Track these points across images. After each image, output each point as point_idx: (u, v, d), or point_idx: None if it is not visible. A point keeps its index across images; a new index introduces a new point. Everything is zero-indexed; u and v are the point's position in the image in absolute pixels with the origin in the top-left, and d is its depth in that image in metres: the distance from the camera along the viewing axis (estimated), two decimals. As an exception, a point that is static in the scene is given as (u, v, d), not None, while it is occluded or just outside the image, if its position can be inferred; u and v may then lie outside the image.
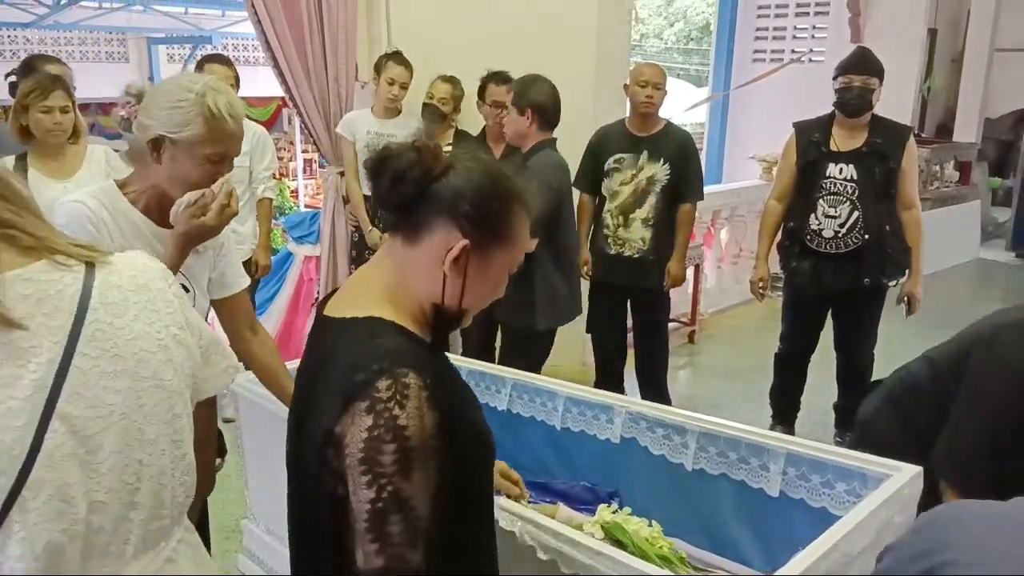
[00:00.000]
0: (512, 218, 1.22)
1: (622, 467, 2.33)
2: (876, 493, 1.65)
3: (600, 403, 2.35)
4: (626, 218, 3.76)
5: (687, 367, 5.27)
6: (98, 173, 3.04)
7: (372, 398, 1.08)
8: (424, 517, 1.08)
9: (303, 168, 10.83)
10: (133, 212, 1.74)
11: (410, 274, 1.22)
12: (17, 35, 13.17)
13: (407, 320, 1.22)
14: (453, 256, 1.17)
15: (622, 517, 2.11)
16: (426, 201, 1.19)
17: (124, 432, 1.04)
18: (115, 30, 14.30)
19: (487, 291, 1.26)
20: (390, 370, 1.09)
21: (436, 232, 1.19)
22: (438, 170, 1.19)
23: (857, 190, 3.49)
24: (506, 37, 4.30)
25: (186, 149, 1.66)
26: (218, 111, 1.65)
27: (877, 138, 3.50)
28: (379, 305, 1.22)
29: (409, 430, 1.07)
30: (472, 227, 1.18)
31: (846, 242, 3.51)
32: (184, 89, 1.65)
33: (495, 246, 1.21)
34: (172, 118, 1.64)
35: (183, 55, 14.60)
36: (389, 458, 1.06)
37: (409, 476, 1.07)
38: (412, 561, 1.08)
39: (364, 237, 4.17)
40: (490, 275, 1.23)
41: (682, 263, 3.84)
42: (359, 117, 4.18)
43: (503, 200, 1.21)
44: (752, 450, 2.04)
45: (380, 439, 1.06)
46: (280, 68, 4.18)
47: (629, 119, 3.79)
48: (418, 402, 1.08)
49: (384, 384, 1.08)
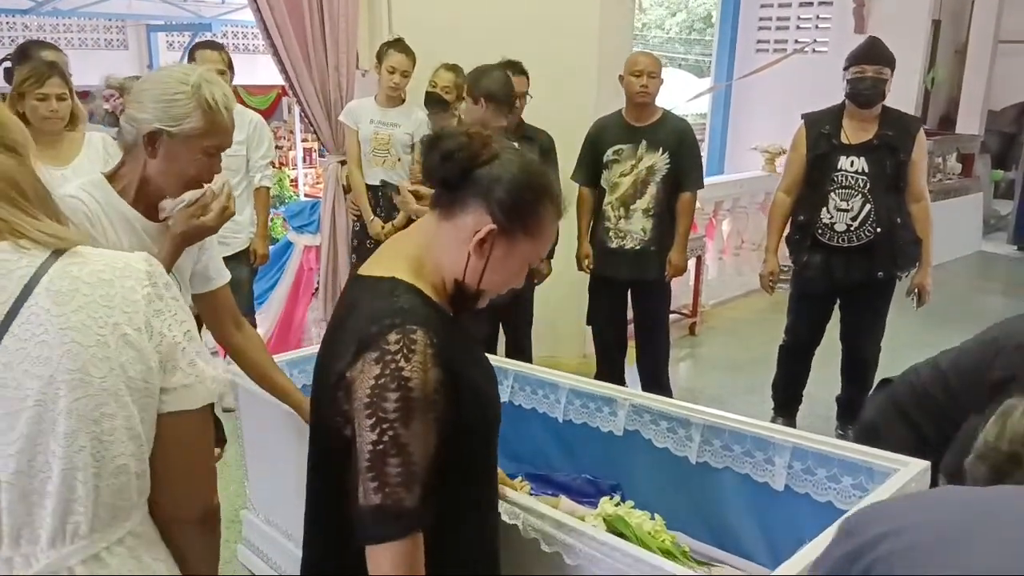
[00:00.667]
0: (541, 213, 1.31)
1: (625, 460, 2.32)
2: (882, 488, 1.64)
3: (603, 396, 2.34)
4: (627, 209, 3.74)
5: (688, 359, 5.26)
6: (96, 160, 3.01)
7: (382, 349, 1.19)
8: (421, 464, 1.18)
9: (303, 157, 10.79)
10: (123, 205, 1.71)
11: (438, 246, 1.32)
12: (15, 21, 13.10)
13: (427, 287, 1.31)
14: (479, 238, 1.27)
15: (624, 510, 2.10)
16: (467, 182, 1.28)
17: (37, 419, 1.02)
18: (114, 17, 14.22)
19: (505, 277, 1.34)
20: (401, 325, 1.20)
21: (469, 213, 1.28)
22: (484, 157, 1.28)
23: (868, 183, 3.44)
24: (508, 26, 4.28)
25: (183, 142, 1.64)
26: (215, 103, 1.64)
27: (888, 130, 3.46)
28: (404, 268, 1.31)
29: (412, 381, 1.17)
30: (502, 214, 1.27)
31: (859, 235, 3.48)
32: (178, 82, 1.64)
33: (520, 236, 1.29)
34: (168, 111, 1.62)
35: (182, 42, 14.52)
36: (392, 405, 1.17)
37: (409, 424, 1.17)
38: (407, 501, 1.17)
39: (365, 226, 4.14)
40: (510, 263, 1.31)
41: (683, 253, 3.82)
42: (362, 106, 4.15)
43: (536, 195, 1.29)
44: (757, 444, 2.03)
45: (385, 387, 1.17)
46: (280, 56, 4.15)
47: (626, 109, 3.76)
48: (423, 357, 1.19)
49: (394, 337, 1.19)
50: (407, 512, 1.17)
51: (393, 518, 1.17)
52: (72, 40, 14.10)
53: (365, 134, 4.07)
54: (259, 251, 3.88)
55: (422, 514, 1.18)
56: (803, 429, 3.85)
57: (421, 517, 1.18)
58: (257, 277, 4.22)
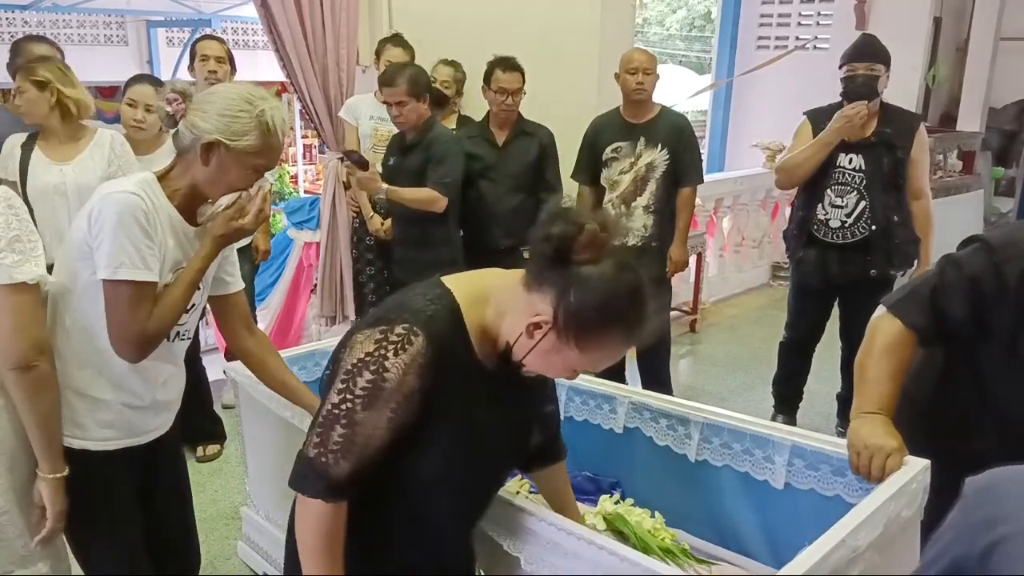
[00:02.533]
0: (602, 336, 1.26)
1: (625, 457, 2.32)
2: (883, 486, 1.63)
3: (603, 393, 2.34)
4: (628, 207, 3.74)
5: (689, 356, 5.25)
6: (100, 160, 3.01)
7: (385, 332, 1.24)
8: (362, 445, 1.25)
9: (303, 153, 10.80)
10: (170, 207, 1.75)
11: (508, 304, 1.32)
12: (15, 17, 13.07)
13: (475, 322, 1.33)
14: (533, 322, 1.26)
15: (624, 508, 2.10)
16: (557, 269, 1.24)
17: None
18: (114, 13, 14.18)
19: (546, 368, 1.34)
20: (412, 324, 1.24)
21: (543, 296, 1.26)
22: (584, 257, 1.23)
23: (864, 180, 3.44)
24: (508, 22, 4.27)
25: (237, 157, 1.71)
26: (274, 127, 1.72)
27: (887, 128, 3.44)
28: (468, 291, 1.34)
29: (389, 374, 1.23)
30: (563, 316, 1.24)
31: (852, 232, 3.47)
32: (246, 100, 1.71)
33: (572, 343, 1.26)
34: (230, 126, 1.69)
35: (182, 38, 14.49)
36: (363, 383, 1.24)
37: (369, 407, 1.24)
38: (333, 470, 1.26)
39: (365, 223, 4.14)
40: (554, 360, 1.30)
41: (684, 248, 3.81)
42: (361, 102, 4.15)
43: (606, 319, 1.24)
44: (756, 441, 2.03)
45: (366, 365, 1.23)
46: (281, 52, 4.14)
47: (624, 107, 3.76)
48: (410, 360, 1.23)
49: (400, 329, 1.24)
50: (328, 479, 1.26)
51: (315, 476, 1.27)
52: (72, 36, 14.08)
53: (365, 130, 4.07)
54: (261, 247, 3.88)
55: (342, 489, 1.27)
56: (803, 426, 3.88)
57: (338, 491, 1.27)
58: (257, 272, 4.22)
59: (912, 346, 1.78)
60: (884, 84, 3.43)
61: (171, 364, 1.90)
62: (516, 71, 3.70)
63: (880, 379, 1.75)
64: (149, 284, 1.68)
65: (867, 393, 1.76)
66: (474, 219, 3.75)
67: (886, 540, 1.56)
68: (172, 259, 1.75)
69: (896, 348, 1.76)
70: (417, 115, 3.50)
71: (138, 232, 1.64)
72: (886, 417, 1.73)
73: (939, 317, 1.75)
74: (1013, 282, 1.64)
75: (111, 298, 1.67)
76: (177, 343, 1.89)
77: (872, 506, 1.55)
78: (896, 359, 1.76)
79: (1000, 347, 1.69)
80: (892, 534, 1.58)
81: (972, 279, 1.70)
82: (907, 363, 1.77)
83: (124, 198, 1.65)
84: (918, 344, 1.78)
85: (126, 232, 1.63)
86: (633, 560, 1.49)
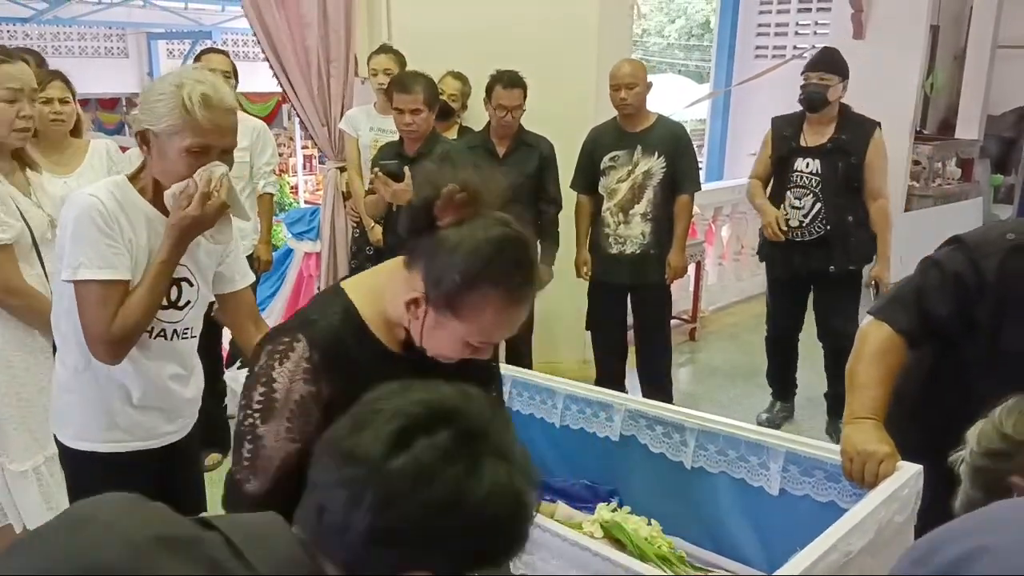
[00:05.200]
0: (475, 300, 1.19)
1: (622, 465, 2.32)
2: (875, 492, 1.64)
3: (599, 400, 2.34)
4: (626, 215, 3.77)
5: (688, 364, 5.26)
6: (100, 169, 3.03)
7: (272, 345, 1.25)
8: (273, 458, 1.24)
9: (303, 164, 10.83)
10: (143, 203, 1.75)
11: (392, 289, 1.28)
12: (16, 30, 13.13)
13: (377, 315, 1.30)
14: (408, 300, 1.23)
15: (621, 516, 2.11)
16: (424, 239, 1.21)
17: None
18: (114, 25, 14.27)
19: (442, 347, 1.26)
20: (295, 332, 1.25)
21: (415, 271, 1.23)
22: (451, 220, 1.19)
23: (820, 183, 3.72)
24: (507, 34, 4.29)
25: (167, 141, 1.67)
26: (190, 102, 1.63)
27: (843, 135, 3.71)
28: (366, 287, 1.33)
29: (276, 383, 1.23)
30: (430, 288, 1.20)
31: (809, 231, 3.76)
32: (167, 83, 1.67)
33: (449, 315, 1.20)
34: (153, 110, 1.66)
35: (183, 50, 14.56)
36: (257, 396, 1.24)
37: (267, 420, 1.23)
38: (250, 486, 1.25)
39: (365, 233, 4.16)
40: (444, 337, 1.24)
41: (682, 254, 3.85)
42: (361, 113, 4.17)
43: (471, 280, 1.17)
44: (752, 448, 2.04)
45: (258, 378, 1.24)
46: (275, 68, 4.17)
47: (620, 116, 3.80)
48: (294, 367, 1.23)
49: (284, 339, 1.25)
50: (246, 496, 1.25)
51: (236, 495, 1.27)
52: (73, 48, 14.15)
53: (365, 141, 4.09)
54: (263, 257, 3.89)
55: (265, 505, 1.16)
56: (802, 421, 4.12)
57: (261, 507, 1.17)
58: (259, 283, 4.24)
59: (901, 349, 1.79)
60: (837, 93, 3.71)
61: (175, 364, 1.88)
62: (517, 87, 3.71)
63: (870, 384, 1.76)
64: (113, 283, 1.67)
65: (858, 398, 1.77)
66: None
67: (879, 545, 1.57)
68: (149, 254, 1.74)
69: (885, 352, 1.78)
70: (428, 125, 3.41)
71: (95, 232, 1.64)
72: (878, 422, 1.74)
73: (925, 317, 1.77)
74: (991, 277, 1.68)
75: (79, 299, 1.68)
76: (179, 342, 1.86)
77: (864, 511, 1.56)
78: (886, 363, 1.78)
79: (983, 343, 1.72)
80: (885, 539, 1.59)
81: (954, 276, 1.73)
82: (897, 367, 1.79)
83: (81, 200, 1.66)
84: (907, 347, 1.80)
85: (83, 233, 1.64)
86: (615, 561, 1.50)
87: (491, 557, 0.89)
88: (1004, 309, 1.67)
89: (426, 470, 0.83)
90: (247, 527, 0.86)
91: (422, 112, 3.34)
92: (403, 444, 0.84)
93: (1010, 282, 1.65)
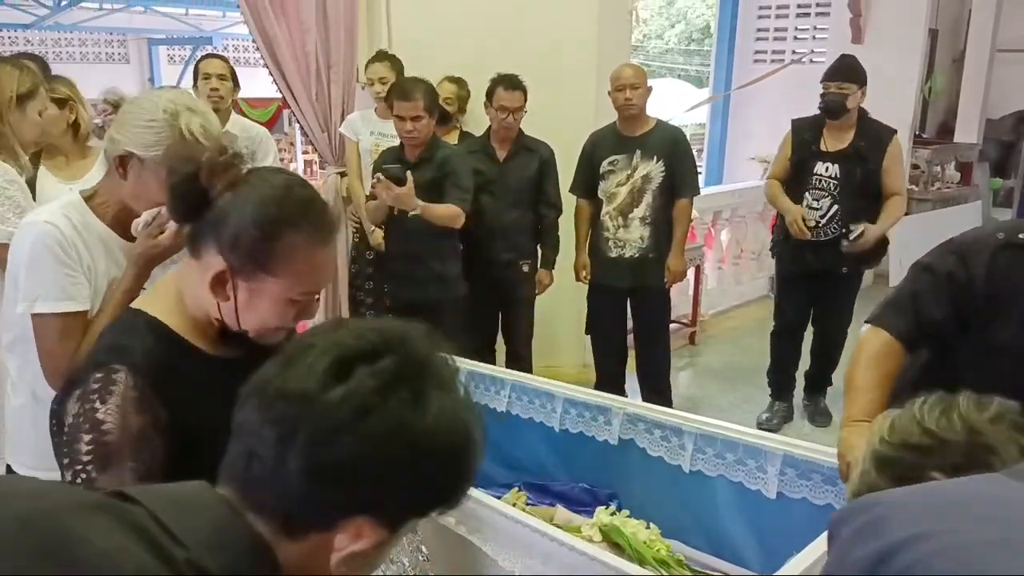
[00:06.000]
0: (278, 249, 1.13)
1: (621, 469, 2.33)
2: (873, 495, 1.65)
3: (598, 404, 2.35)
4: (625, 219, 3.79)
5: (688, 368, 5.27)
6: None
7: (83, 387, 1.12)
8: None
9: (304, 169, 10.84)
10: (100, 225, 1.66)
11: (190, 285, 1.21)
12: (17, 36, 13.18)
13: (185, 321, 1.22)
14: (210, 280, 1.15)
15: (620, 519, 2.11)
16: (199, 218, 1.15)
17: None
18: (116, 31, 14.32)
19: (265, 318, 1.19)
20: (107, 364, 1.13)
21: (208, 251, 1.16)
22: (217, 189, 1.14)
23: (838, 187, 3.84)
24: (507, 40, 4.31)
25: (153, 170, 1.56)
26: (190, 134, 1.56)
27: (861, 141, 3.83)
28: (162, 300, 1.24)
29: (107, 424, 1.09)
30: (232, 255, 1.14)
31: (825, 232, 3.88)
32: (158, 108, 1.56)
33: (261, 275, 1.15)
34: (142, 137, 1.56)
35: (183, 56, 14.62)
36: (84, 447, 1.09)
37: (106, 468, 1.09)
38: None
39: (365, 238, 4.17)
40: (265, 304, 1.17)
41: (681, 258, 3.87)
42: (362, 118, 4.18)
43: (270, 230, 1.13)
44: (749, 452, 2.04)
45: (79, 428, 1.10)
46: (274, 73, 4.18)
47: (619, 121, 3.82)
48: (121, 400, 1.10)
49: (96, 376, 1.12)
50: None
51: None
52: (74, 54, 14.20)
53: (365, 145, 4.11)
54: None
55: None
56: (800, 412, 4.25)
57: None
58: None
59: (899, 354, 1.80)
60: (856, 100, 3.82)
61: None
62: (518, 90, 3.73)
63: (867, 387, 1.77)
64: (74, 315, 1.59)
65: (855, 402, 1.78)
66: (474, 233, 3.78)
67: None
68: (109, 280, 1.66)
69: (882, 357, 1.79)
70: (429, 131, 3.44)
71: (51, 263, 1.56)
72: None
73: (921, 321, 1.78)
74: (980, 274, 1.69)
75: (37, 333, 1.60)
76: None
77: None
78: (883, 367, 1.79)
79: (974, 341, 1.73)
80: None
81: (947, 276, 1.74)
82: (895, 371, 1.80)
83: (37, 229, 1.58)
84: (905, 351, 1.81)
85: (40, 264, 1.57)
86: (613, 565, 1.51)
87: (440, 495, 0.82)
88: (993, 307, 1.69)
89: (367, 400, 0.75)
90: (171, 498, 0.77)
91: (423, 119, 3.37)
92: (341, 375, 0.76)
93: (998, 280, 1.67)
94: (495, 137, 3.87)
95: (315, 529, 0.78)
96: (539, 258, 3.95)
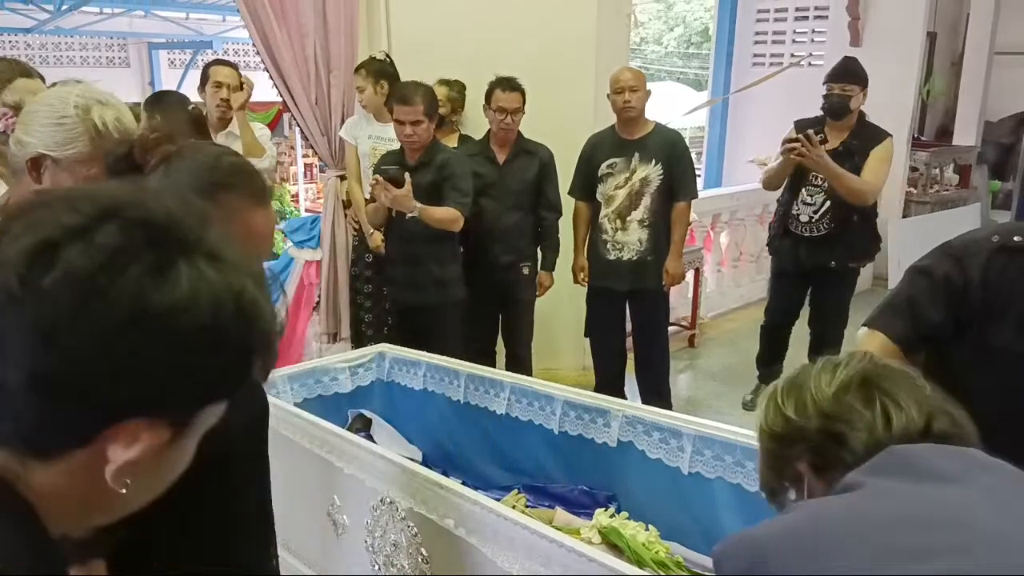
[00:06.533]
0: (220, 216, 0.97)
1: (620, 471, 2.34)
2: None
3: (597, 407, 2.36)
4: (623, 221, 3.80)
5: (687, 371, 5.28)
6: None
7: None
8: None
9: (304, 172, 10.86)
10: None
11: None
12: (18, 40, 13.20)
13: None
14: None
15: (619, 521, 2.12)
16: None
17: None
18: (116, 35, 14.34)
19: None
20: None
21: None
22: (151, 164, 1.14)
23: (830, 184, 3.89)
24: (506, 43, 4.32)
25: (69, 169, 1.48)
26: (105, 128, 1.48)
27: (854, 140, 3.91)
28: None
29: None
30: None
31: (817, 227, 3.98)
32: (68, 104, 1.49)
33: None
34: (54, 136, 1.48)
35: (184, 60, 14.64)
36: None
37: None
38: None
39: (365, 241, 4.18)
40: None
41: (679, 260, 3.88)
42: (361, 121, 4.19)
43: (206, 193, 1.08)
44: (748, 453, 2.05)
45: None
46: (274, 77, 4.19)
47: (618, 124, 3.84)
48: None
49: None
50: None
51: None
52: (74, 58, 14.22)
53: (364, 149, 4.12)
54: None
55: None
56: None
57: None
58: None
59: (896, 357, 1.81)
60: (859, 102, 3.92)
61: None
62: (516, 91, 3.75)
63: None
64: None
65: None
66: (474, 236, 3.79)
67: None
68: None
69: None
70: (428, 135, 3.46)
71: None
72: None
73: (919, 323, 1.79)
74: (976, 277, 1.70)
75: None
76: None
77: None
78: None
79: (970, 342, 1.74)
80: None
81: (944, 279, 1.75)
82: None
83: None
84: (902, 354, 1.81)
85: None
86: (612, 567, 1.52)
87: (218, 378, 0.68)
88: (990, 310, 1.70)
89: (88, 282, 0.61)
90: None
91: (423, 123, 3.39)
92: (47, 259, 0.61)
93: (994, 283, 1.69)
94: (495, 140, 3.88)
95: (71, 446, 0.64)
96: (539, 260, 3.96)
